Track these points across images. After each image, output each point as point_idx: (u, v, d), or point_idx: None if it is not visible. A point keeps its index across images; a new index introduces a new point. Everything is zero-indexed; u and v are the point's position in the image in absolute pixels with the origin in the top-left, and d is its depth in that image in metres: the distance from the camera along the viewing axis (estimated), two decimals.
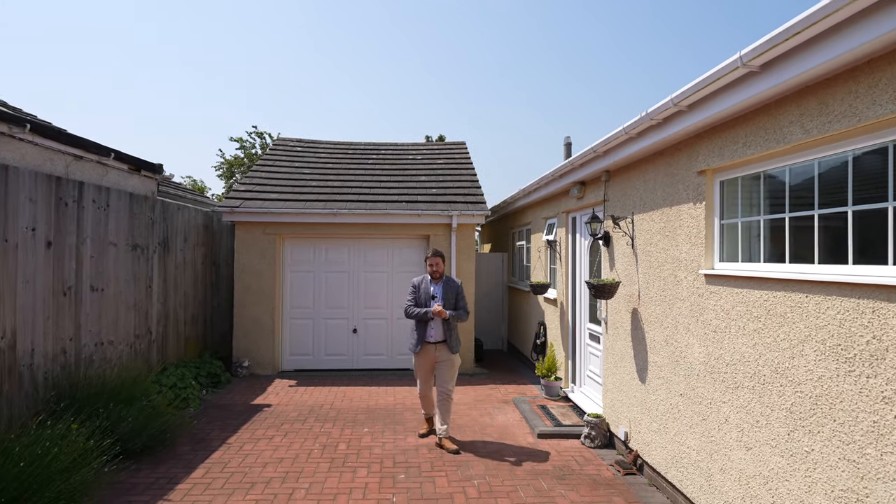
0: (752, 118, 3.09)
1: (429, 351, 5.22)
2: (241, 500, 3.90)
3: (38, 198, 4.61)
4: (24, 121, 4.47)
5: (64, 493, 3.42)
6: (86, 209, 5.27)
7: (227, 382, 7.44)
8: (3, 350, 4.22)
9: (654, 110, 3.68)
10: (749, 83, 2.81)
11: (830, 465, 2.49)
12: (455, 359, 5.28)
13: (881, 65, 2.25)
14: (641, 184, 4.61)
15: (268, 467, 4.51)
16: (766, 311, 2.96)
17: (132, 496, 3.90)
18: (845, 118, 2.43)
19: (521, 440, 5.32)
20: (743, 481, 3.13)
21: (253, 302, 8.04)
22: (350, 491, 4.09)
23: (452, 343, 5.23)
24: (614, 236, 5.18)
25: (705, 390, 3.54)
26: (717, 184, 3.60)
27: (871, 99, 2.29)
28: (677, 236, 3.97)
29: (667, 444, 4.07)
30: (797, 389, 2.71)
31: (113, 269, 5.74)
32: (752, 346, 3.07)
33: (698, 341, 3.64)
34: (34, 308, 4.57)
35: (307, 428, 5.56)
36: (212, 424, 5.63)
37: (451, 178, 9.59)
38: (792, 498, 2.72)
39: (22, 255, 4.43)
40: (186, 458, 4.66)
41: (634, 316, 4.70)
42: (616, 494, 4.10)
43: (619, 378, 5.03)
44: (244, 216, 7.99)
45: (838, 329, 2.46)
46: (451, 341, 5.23)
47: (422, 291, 5.29)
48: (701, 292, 3.62)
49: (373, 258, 8.46)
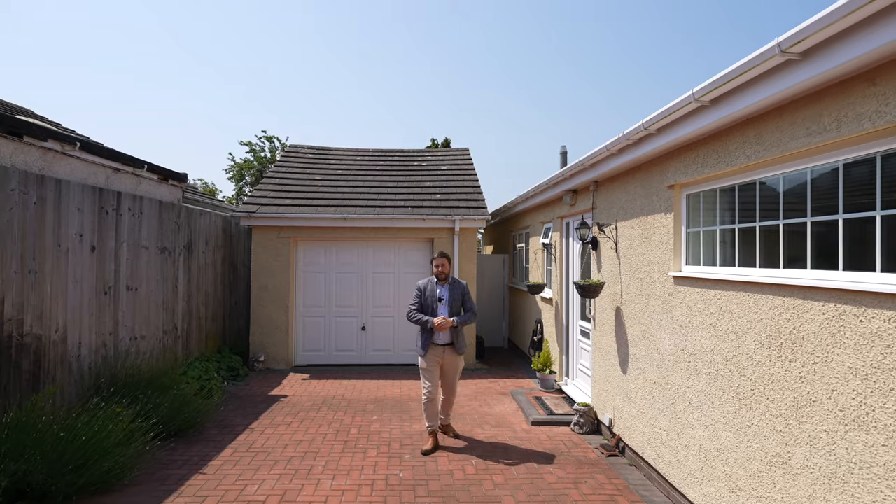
0: (708, 142, 3.59)
1: (436, 353, 5.20)
2: (267, 474, 4.43)
3: (85, 207, 5.17)
4: (75, 139, 5.03)
5: (118, 464, 3.97)
6: (123, 216, 5.83)
7: (245, 376, 7.99)
8: (56, 343, 4.78)
9: (630, 132, 4.18)
10: (701, 114, 3.32)
11: (764, 435, 2.99)
12: (460, 360, 5.33)
13: (798, 106, 2.74)
14: (623, 194, 5.12)
15: (288, 448, 5.05)
16: (720, 308, 3.46)
17: (171, 470, 4.45)
18: (775, 147, 2.93)
19: (516, 427, 5.83)
20: (701, 455, 3.63)
21: (268, 301, 8.59)
22: (362, 468, 4.61)
23: (460, 344, 5.25)
24: (601, 241, 5.68)
25: (673, 378, 4.05)
26: (683, 197, 4.10)
27: (791, 134, 2.79)
28: (652, 242, 4.48)
29: (644, 428, 4.57)
30: (741, 374, 3.21)
31: (145, 270, 6.30)
32: (709, 339, 3.57)
33: (668, 335, 4.14)
34: (81, 306, 5.13)
35: (321, 416, 6.10)
36: (235, 412, 6.18)
37: (454, 183, 10.11)
38: (737, 466, 3.23)
39: (72, 258, 4.99)
40: (215, 440, 5.21)
41: (618, 314, 5.21)
42: (598, 472, 4.61)
43: (605, 370, 5.54)
44: (260, 220, 8.55)
45: (770, 322, 2.96)
46: (459, 343, 5.24)
47: (427, 294, 5.30)
48: (670, 292, 4.13)
49: (380, 259, 9.00)
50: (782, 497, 2.82)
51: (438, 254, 5.41)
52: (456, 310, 5.27)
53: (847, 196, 2.58)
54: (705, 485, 3.57)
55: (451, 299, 5.24)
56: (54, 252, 4.77)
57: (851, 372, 2.40)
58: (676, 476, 3.96)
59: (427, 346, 5.19)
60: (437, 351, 5.21)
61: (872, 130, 2.31)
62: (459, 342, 5.26)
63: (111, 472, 3.92)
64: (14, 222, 4.29)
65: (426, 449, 5.04)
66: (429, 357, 5.20)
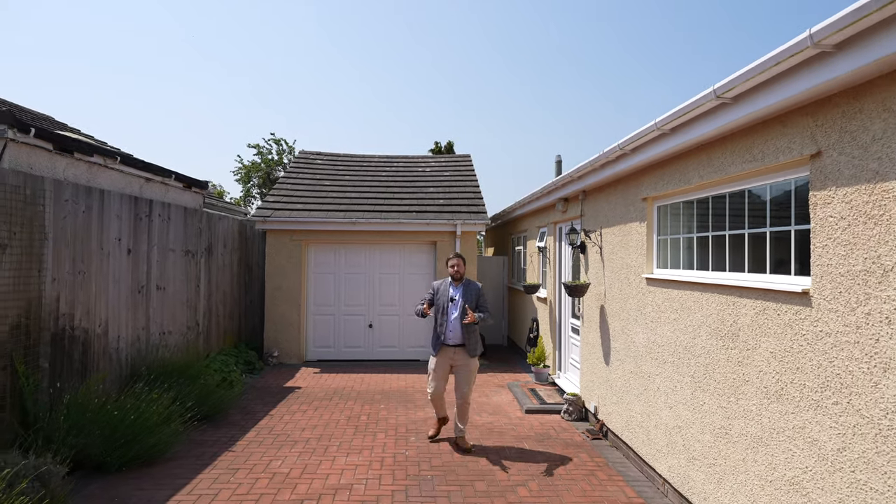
0: (672, 162, 4.16)
1: (447, 353, 5.18)
2: (288, 451, 5.02)
3: (123, 214, 5.77)
4: (116, 154, 5.64)
5: (160, 441, 4.57)
6: (154, 222, 6.43)
7: (261, 369, 8.58)
8: (99, 336, 5.38)
9: (609, 151, 4.75)
10: (663, 140, 3.88)
11: (713, 411, 3.55)
12: (473, 363, 5.20)
13: (736, 138, 3.31)
14: (607, 204, 5.69)
15: (305, 431, 5.63)
16: (681, 305, 4.02)
17: (204, 448, 5.04)
18: (720, 171, 3.50)
19: (511, 415, 6.40)
20: (667, 432, 4.19)
21: (282, 300, 9.19)
22: (372, 447, 5.19)
23: (471, 347, 5.16)
24: (588, 246, 6.25)
25: (646, 367, 4.61)
26: (655, 208, 4.67)
27: (731, 160, 3.36)
28: (629, 247, 5.04)
29: (622, 412, 5.13)
30: (696, 361, 3.78)
31: (172, 271, 6.90)
32: (673, 332, 4.14)
33: (642, 329, 4.71)
34: (119, 303, 5.73)
35: (333, 404, 6.68)
36: (254, 401, 6.77)
37: (456, 189, 10.69)
38: (693, 439, 3.79)
39: (112, 260, 5.59)
40: (240, 424, 5.80)
41: (602, 311, 5.77)
42: (582, 452, 5.18)
43: (591, 363, 6.11)
44: (274, 224, 9.15)
45: (717, 316, 3.53)
46: (470, 345, 5.15)
47: (440, 294, 5.28)
48: (644, 291, 4.69)
49: (386, 261, 9.58)
50: (725, 461, 3.39)
51: (454, 254, 5.39)
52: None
53: (772, 212, 3.14)
54: (670, 458, 4.13)
55: (465, 300, 5.17)
56: (98, 255, 5.37)
57: (772, 356, 2.97)
58: (647, 452, 4.53)
59: (438, 345, 5.20)
60: (447, 351, 5.19)
61: (785, 162, 2.88)
62: (471, 343, 5.15)
63: (155, 447, 4.52)
64: (67, 229, 4.89)
65: (431, 434, 5.43)
66: (439, 357, 5.21)
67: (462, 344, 5.16)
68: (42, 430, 4.16)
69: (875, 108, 2.32)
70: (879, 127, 2.30)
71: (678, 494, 3.98)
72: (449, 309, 5.20)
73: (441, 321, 5.22)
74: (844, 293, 2.47)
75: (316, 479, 4.40)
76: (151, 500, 3.92)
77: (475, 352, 5.18)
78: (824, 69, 2.36)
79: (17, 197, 4.23)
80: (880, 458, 2.25)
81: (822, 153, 2.62)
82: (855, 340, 2.40)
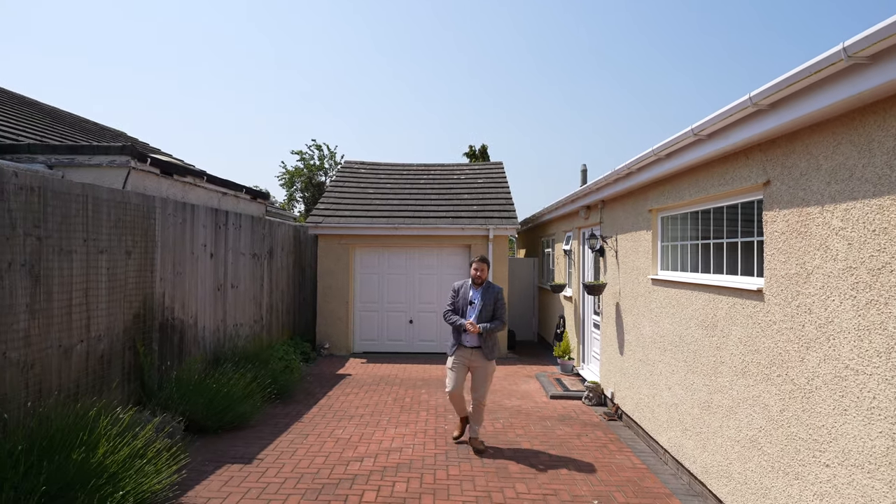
0: (671, 181, 4.91)
1: (464, 354, 5.28)
2: (347, 423, 5.98)
3: (207, 224, 6.86)
4: (203, 174, 6.75)
5: (246, 411, 5.60)
6: (229, 230, 7.52)
7: (314, 359, 9.64)
8: (191, 325, 6.48)
9: (620, 168, 5.52)
10: (661, 163, 4.65)
11: (699, 388, 4.31)
12: (489, 366, 5.22)
13: (714, 165, 4.06)
14: (622, 213, 6.44)
15: (359, 409, 6.60)
16: (677, 302, 4.77)
17: (278, 419, 6.06)
18: (704, 190, 4.25)
19: (537, 400, 7.21)
20: (666, 409, 4.95)
21: (331, 297, 10.24)
22: (416, 422, 6.11)
23: (487, 350, 5.20)
24: (606, 250, 7.00)
25: (652, 355, 5.36)
26: (659, 218, 5.42)
27: (711, 182, 4.11)
28: (639, 252, 5.79)
29: (633, 396, 5.89)
30: (689, 348, 4.53)
31: (242, 272, 8.00)
32: (671, 325, 4.89)
33: (648, 323, 5.46)
34: (205, 299, 6.82)
35: (380, 389, 7.64)
36: (313, 385, 7.80)
37: (489, 196, 11.54)
38: (686, 414, 4.54)
39: (199, 263, 6.69)
40: (304, 402, 6.81)
41: (617, 308, 6.53)
42: (598, 430, 5.96)
43: (609, 354, 6.86)
44: (325, 230, 10.20)
45: (702, 311, 4.28)
46: (486, 348, 5.21)
47: (461, 296, 5.37)
48: (650, 290, 5.44)
49: (425, 263, 10.51)
50: (707, 429, 4.14)
51: (479, 258, 5.37)
52: (487, 315, 5.22)
53: (743, 225, 3.89)
54: (669, 431, 4.89)
55: (483, 304, 5.23)
56: (190, 258, 6.46)
57: (739, 341, 3.72)
58: (652, 428, 5.28)
59: (456, 345, 5.35)
60: (464, 353, 5.29)
61: (747, 187, 3.63)
62: (487, 347, 5.22)
63: (243, 415, 5.56)
64: (169, 237, 5.98)
65: (455, 435, 5.46)
66: (456, 357, 5.32)
67: (479, 346, 5.23)
68: (155, 399, 5.25)
69: (801, 151, 3.07)
70: (804, 165, 3.04)
71: (675, 461, 4.74)
72: (467, 312, 5.30)
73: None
74: (784, 291, 3.22)
75: (372, 443, 5.35)
76: (245, 453, 4.94)
77: (492, 355, 5.21)
78: (769, 119, 3.11)
79: (138, 213, 5.33)
80: (805, 413, 3.00)
81: (770, 182, 3.37)
82: (790, 326, 3.15)
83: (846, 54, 2.30)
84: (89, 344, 4.64)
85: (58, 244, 4.26)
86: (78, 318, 4.49)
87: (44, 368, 4.10)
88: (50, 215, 4.18)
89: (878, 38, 2.14)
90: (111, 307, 4.93)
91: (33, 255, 4.00)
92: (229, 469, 4.57)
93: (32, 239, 4.00)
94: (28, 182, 3.99)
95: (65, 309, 4.34)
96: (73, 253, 4.43)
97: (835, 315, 2.78)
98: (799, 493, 3.01)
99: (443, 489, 4.32)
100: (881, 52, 2.22)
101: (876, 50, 2.21)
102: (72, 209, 4.42)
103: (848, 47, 2.28)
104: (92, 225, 4.65)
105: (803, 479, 2.98)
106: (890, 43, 2.14)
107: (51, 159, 5.36)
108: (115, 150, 5.38)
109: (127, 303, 5.16)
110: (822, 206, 2.89)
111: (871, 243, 2.54)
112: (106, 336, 4.86)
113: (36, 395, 4.00)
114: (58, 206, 4.27)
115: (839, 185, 2.76)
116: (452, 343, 5.40)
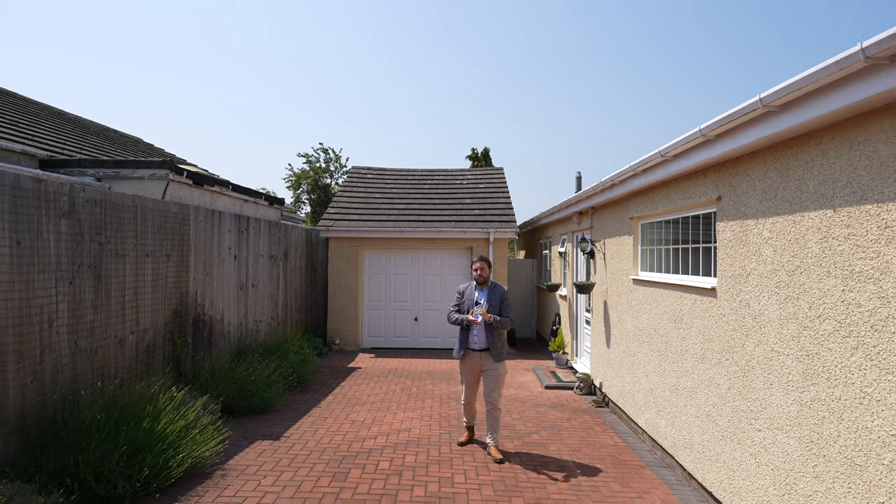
0: (648, 192, 5.57)
1: (473, 358, 5.17)
2: (360, 408, 6.65)
3: (232, 229, 7.54)
4: (228, 183, 7.43)
5: (270, 397, 6.28)
6: (250, 234, 8.20)
7: (326, 354, 10.32)
8: (218, 321, 7.15)
9: (605, 180, 6.18)
10: (638, 177, 5.30)
11: (669, 374, 4.96)
12: (500, 367, 5.09)
13: (679, 181, 4.71)
14: (609, 220, 7.09)
15: (370, 397, 7.27)
16: (653, 299, 5.43)
17: (299, 405, 6.73)
18: (673, 202, 4.90)
19: (532, 389, 7.87)
20: (644, 394, 5.60)
21: (341, 296, 10.91)
22: (422, 407, 6.77)
23: (496, 352, 5.06)
24: (596, 252, 7.66)
25: (633, 347, 6.02)
26: (639, 225, 6.07)
27: (678, 196, 4.77)
28: (623, 255, 6.45)
29: (618, 384, 6.54)
30: (661, 339, 5.18)
31: (261, 273, 8.68)
32: (648, 320, 5.54)
33: (630, 318, 6.11)
34: (229, 297, 7.50)
35: (389, 380, 8.31)
36: (327, 376, 8.47)
37: (489, 200, 12.20)
38: (659, 397, 5.19)
39: (225, 265, 7.36)
40: (320, 391, 7.49)
41: (605, 306, 7.18)
42: (586, 415, 6.61)
43: (598, 347, 7.51)
44: (335, 233, 10.88)
45: (672, 307, 4.93)
46: (495, 350, 5.05)
47: (466, 297, 5.27)
48: (631, 289, 6.09)
49: (429, 264, 11.18)
50: (675, 409, 4.79)
51: (479, 258, 5.31)
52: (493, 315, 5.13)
53: (704, 233, 4.54)
54: (646, 414, 5.54)
55: (489, 304, 5.15)
56: (217, 261, 7.14)
57: (699, 332, 4.37)
58: (633, 412, 5.94)
59: (462, 348, 5.17)
60: (473, 356, 5.18)
61: (705, 201, 4.28)
62: (496, 348, 5.06)
63: (269, 400, 6.23)
64: (200, 241, 6.66)
65: (461, 441, 5.35)
66: (465, 363, 5.23)
67: (487, 348, 5.12)
68: (191, 384, 5.92)
69: (742, 174, 3.72)
70: (745, 185, 3.70)
71: (651, 439, 5.39)
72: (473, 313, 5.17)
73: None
74: (731, 289, 3.87)
75: (384, 424, 6.02)
76: (273, 432, 5.61)
77: (501, 356, 5.09)
78: (716, 147, 3.75)
79: (176, 220, 6.01)
80: (745, 389, 3.65)
81: (721, 197, 4.03)
82: (735, 318, 3.80)
83: (762, 104, 2.95)
84: (138, 335, 5.32)
85: (114, 249, 4.94)
86: (130, 312, 5.17)
87: (104, 355, 4.78)
88: (108, 224, 4.86)
89: (777, 97, 2.80)
90: (155, 304, 5.61)
91: (96, 259, 4.68)
92: (261, 444, 5.25)
93: (95, 244, 4.68)
94: (92, 195, 4.67)
95: (119, 305, 5.02)
96: (125, 256, 5.11)
97: (765, 308, 3.44)
98: (740, 455, 3.67)
99: (446, 461, 4.99)
100: (788, 102, 2.88)
101: (783, 101, 2.87)
102: (125, 218, 5.10)
103: (763, 98, 2.93)
104: (140, 231, 5.33)
105: (743, 444, 3.64)
106: (788, 98, 2.79)
107: (99, 172, 6.04)
108: (156, 165, 6.07)
109: (167, 300, 5.84)
110: (757, 219, 3.54)
111: (789, 250, 3.19)
112: (151, 329, 5.54)
113: (99, 377, 4.68)
114: (114, 216, 4.95)
115: (768, 203, 3.42)
116: (459, 347, 5.22)
